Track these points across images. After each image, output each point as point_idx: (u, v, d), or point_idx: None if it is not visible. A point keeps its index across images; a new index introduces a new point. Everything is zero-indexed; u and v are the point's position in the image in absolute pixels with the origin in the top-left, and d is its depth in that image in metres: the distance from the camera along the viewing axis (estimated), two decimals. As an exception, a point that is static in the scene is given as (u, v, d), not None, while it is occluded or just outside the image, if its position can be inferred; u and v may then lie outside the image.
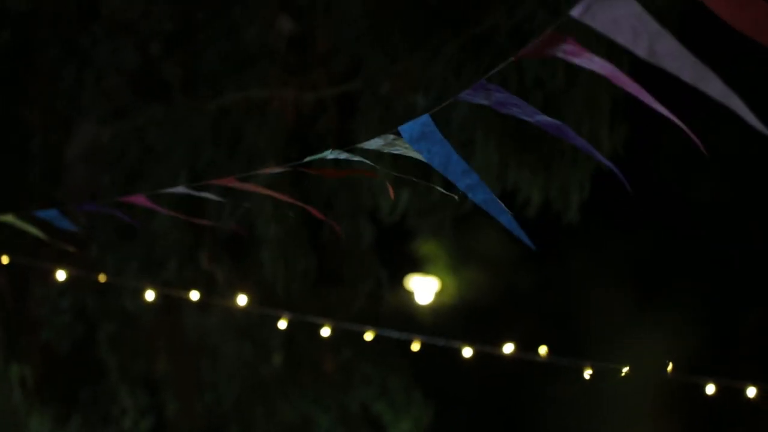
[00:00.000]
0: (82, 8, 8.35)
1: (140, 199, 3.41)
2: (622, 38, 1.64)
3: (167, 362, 8.37)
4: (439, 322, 9.23)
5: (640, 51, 1.62)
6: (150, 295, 6.57)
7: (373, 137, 2.47)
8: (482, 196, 2.24)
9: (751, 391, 5.66)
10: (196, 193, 3.17)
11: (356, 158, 2.65)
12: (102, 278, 6.83)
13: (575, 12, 1.67)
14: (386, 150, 2.43)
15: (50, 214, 4.00)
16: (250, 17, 8.04)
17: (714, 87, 1.59)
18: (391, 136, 2.40)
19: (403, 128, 2.34)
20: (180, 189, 3.23)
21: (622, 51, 1.66)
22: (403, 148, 2.40)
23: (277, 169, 2.91)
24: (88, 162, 8.31)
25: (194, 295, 6.51)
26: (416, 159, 2.38)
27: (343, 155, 2.65)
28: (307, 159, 2.81)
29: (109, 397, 8.29)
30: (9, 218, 4.07)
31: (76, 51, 8.28)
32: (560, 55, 1.88)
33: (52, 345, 8.29)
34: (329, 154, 2.65)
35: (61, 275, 6.36)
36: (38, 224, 4.21)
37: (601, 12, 1.65)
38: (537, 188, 7.28)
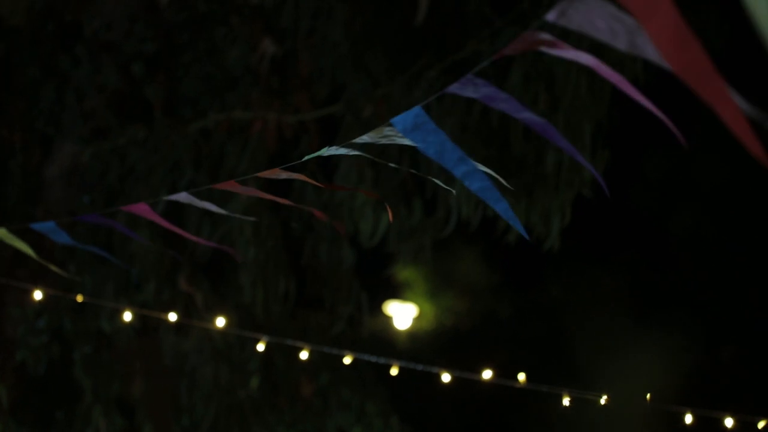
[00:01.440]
0: (63, 28, 8.34)
1: (143, 208, 3.37)
2: (600, 35, 1.65)
3: (143, 384, 8.32)
4: (417, 347, 9.22)
5: (620, 44, 1.63)
6: (127, 317, 6.53)
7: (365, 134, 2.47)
8: (479, 183, 2.23)
9: (729, 422, 5.65)
10: (198, 203, 3.15)
11: (354, 152, 2.63)
12: (79, 299, 6.79)
13: (550, 16, 1.67)
14: (379, 141, 2.41)
15: (47, 226, 3.93)
16: (233, 39, 8.04)
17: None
18: (384, 128, 2.38)
19: (396, 120, 2.33)
20: (182, 196, 3.20)
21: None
22: (396, 137, 2.39)
23: (277, 173, 2.88)
24: (68, 182, 8.28)
25: (172, 317, 6.47)
26: (397, 180, 2.37)
27: (341, 150, 2.65)
28: (306, 158, 2.80)
29: (84, 419, 8.23)
30: (1, 232, 3.99)
31: (57, 71, 8.26)
32: (540, 48, 1.88)
33: (27, 366, 8.24)
34: (326, 152, 2.65)
35: (37, 295, 6.32)
36: (31, 239, 4.15)
37: (576, 14, 1.66)
38: (518, 214, 7.28)
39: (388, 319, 9.43)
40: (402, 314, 9.46)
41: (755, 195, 9.01)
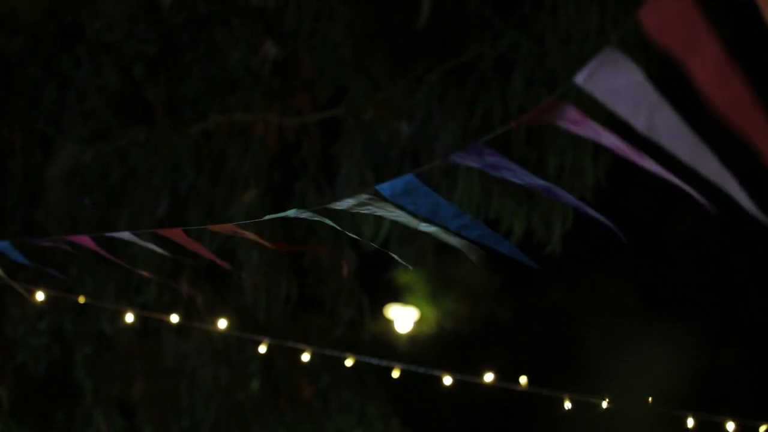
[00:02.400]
0: (64, 29, 8.34)
1: (85, 240, 3.37)
2: (622, 109, 1.60)
3: (144, 386, 8.31)
4: (418, 351, 9.21)
5: (639, 124, 1.58)
6: (129, 318, 6.53)
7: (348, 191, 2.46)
8: (477, 232, 2.22)
9: (731, 426, 5.66)
10: (141, 243, 3.13)
11: (317, 218, 2.61)
12: (81, 300, 6.79)
13: (579, 78, 1.63)
14: (356, 210, 2.39)
15: (2, 245, 3.94)
16: (234, 41, 8.04)
17: (710, 167, 1.56)
18: (365, 196, 2.36)
19: (383, 187, 2.30)
20: (125, 234, 3.19)
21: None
22: (375, 208, 2.36)
23: (231, 228, 2.84)
24: (68, 183, 8.28)
25: (174, 318, 6.47)
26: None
27: (305, 214, 2.62)
28: (268, 217, 2.77)
29: (84, 420, 8.23)
30: None
31: (58, 71, 8.26)
32: (561, 123, 1.85)
33: (28, 366, 8.23)
34: (293, 213, 2.62)
35: (39, 296, 6.32)
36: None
37: (603, 79, 1.61)
38: (519, 218, 7.28)
39: (389, 323, 9.43)
40: (403, 317, 9.45)
41: (756, 196, 9.00)
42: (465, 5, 7.68)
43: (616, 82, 1.59)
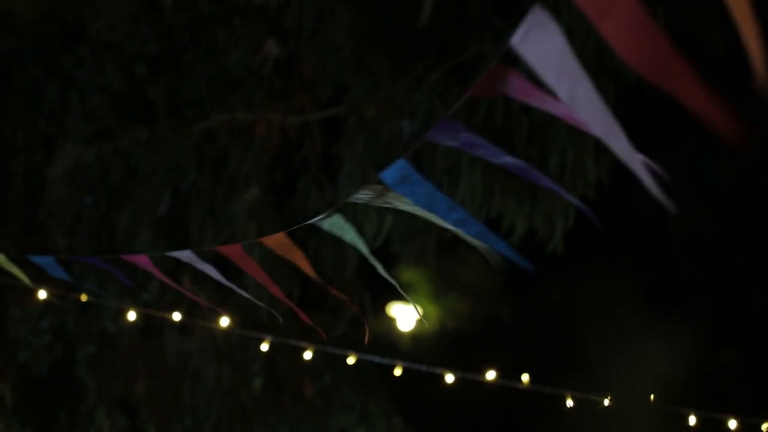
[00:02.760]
0: (66, 29, 8.34)
1: (143, 260, 3.36)
2: (548, 76, 1.58)
3: (147, 384, 8.32)
4: (420, 349, 9.21)
5: (562, 93, 1.56)
6: (131, 316, 6.54)
7: (358, 181, 2.47)
8: (473, 228, 2.23)
9: (733, 423, 5.66)
10: (200, 264, 3.13)
11: (349, 236, 2.63)
12: (83, 298, 6.80)
13: (515, 39, 1.61)
14: (377, 203, 2.41)
15: (45, 261, 3.93)
16: (236, 40, 8.04)
17: (619, 144, 1.54)
18: (380, 187, 2.37)
19: (384, 175, 2.32)
20: (186, 254, 3.19)
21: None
22: (392, 199, 2.38)
23: (274, 240, 2.85)
24: (70, 182, 8.28)
25: (176, 317, 6.48)
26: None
27: (337, 225, 2.64)
28: (308, 222, 2.79)
29: (87, 419, 8.23)
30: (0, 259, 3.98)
31: (60, 71, 8.27)
32: (511, 92, 1.84)
33: (30, 366, 8.24)
34: (324, 217, 2.64)
35: (41, 295, 6.33)
36: (28, 268, 4.14)
37: (534, 43, 1.59)
38: (521, 216, 7.28)
39: (391, 321, 9.43)
40: (405, 316, 9.45)
41: (757, 196, 9.01)
42: (466, 5, 7.69)
43: (543, 46, 1.57)
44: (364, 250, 2.69)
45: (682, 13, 7.07)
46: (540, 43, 1.57)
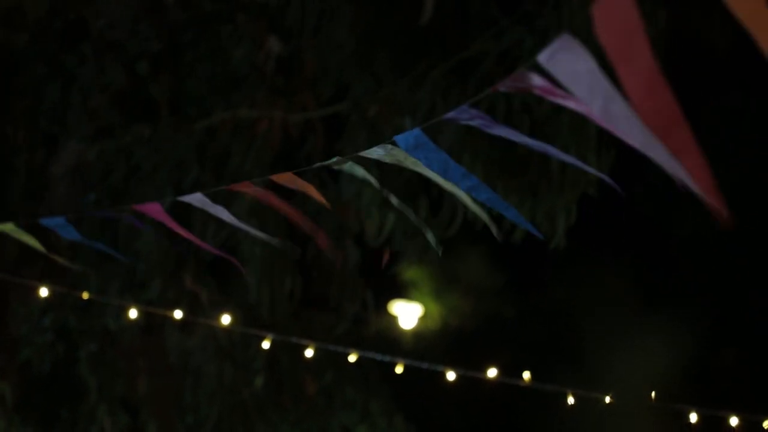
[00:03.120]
0: (68, 27, 8.34)
1: (154, 208, 3.35)
2: (580, 93, 1.62)
3: (148, 383, 8.32)
4: (422, 347, 9.22)
5: (596, 109, 1.60)
6: (133, 314, 6.54)
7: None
8: (485, 194, 2.26)
9: (734, 420, 5.66)
10: (211, 206, 3.13)
11: (360, 172, 2.65)
12: (85, 296, 6.80)
13: (542, 57, 1.65)
14: (387, 160, 2.43)
15: (55, 222, 3.92)
16: (238, 38, 8.04)
17: (659, 155, 1.56)
18: (390, 146, 2.40)
19: (399, 138, 2.35)
20: (196, 197, 3.19)
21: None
22: (402, 158, 2.40)
23: (291, 178, 2.87)
24: (72, 180, 8.29)
25: (177, 314, 6.48)
26: (403, 179, 2.38)
27: (347, 165, 2.67)
28: (317, 165, 2.81)
29: (88, 417, 8.23)
30: (9, 227, 3.97)
31: (62, 69, 8.27)
32: (536, 92, 1.87)
33: (32, 364, 8.25)
34: (335, 162, 2.67)
35: (43, 292, 6.33)
36: (39, 234, 4.13)
37: (563, 62, 1.62)
38: (523, 213, 7.28)
39: (393, 319, 9.43)
40: (407, 313, 9.46)
41: (759, 196, 9.01)
42: (467, 2, 7.69)
43: (573, 66, 1.60)
44: (376, 183, 2.71)
45: (683, 14, 7.07)
46: (568, 63, 1.61)
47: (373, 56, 7.77)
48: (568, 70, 1.62)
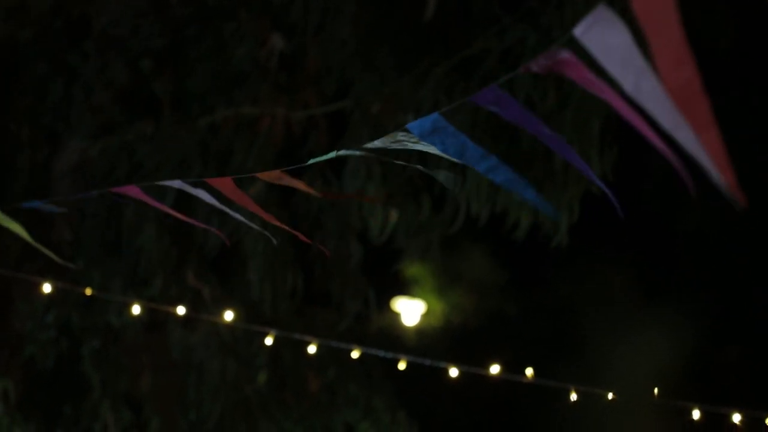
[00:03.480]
0: (71, 23, 8.35)
1: (133, 190, 3.35)
2: (613, 69, 1.63)
3: (151, 379, 8.33)
4: (425, 344, 9.23)
5: (628, 86, 1.61)
6: (136, 310, 6.55)
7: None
8: (504, 176, 2.26)
9: (737, 417, 5.66)
10: (192, 190, 3.14)
11: (359, 152, 2.65)
12: (88, 292, 6.80)
13: (578, 30, 1.65)
14: (392, 146, 2.43)
15: (35, 204, 3.95)
16: (241, 35, 8.05)
17: (687, 138, 1.57)
18: (399, 133, 2.40)
19: (413, 125, 2.35)
20: (176, 183, 3.20)
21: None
22: (410, 143, 2.40)
23: (278, 176, 2.87)
24: (75, 177, 8.29)
25: (180, 311, 6.48)
26: (405, 177, 2.38)
27: (351, 152, 2.66)
28: (312, 161, 2.81)
29: (92, 413, 8.25)
30: None
31: (65, 66, 8.27)
32: (566, 73, 1.87)
33: (35, 360, 8.26)
34: (335, 155, 2.67)
35: (46, 288, 6.34)
36: (39, 228, 4.14)
37: (598, 35, 1.63)
38: (526, 211, 7.28)
39: (396, 316, 9.44)
40: (410, 310, 9.46)
41: (760, 193, 9.01)
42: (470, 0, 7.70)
43: (608, 40, 1.61)
44: (358, 153, 2.71)
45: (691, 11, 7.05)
46: (604, 36, 1.62)
47: (375, 53, 7.78)
48: (602, 44, 1.63)
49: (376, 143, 2.47)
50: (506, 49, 7.37)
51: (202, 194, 3.12)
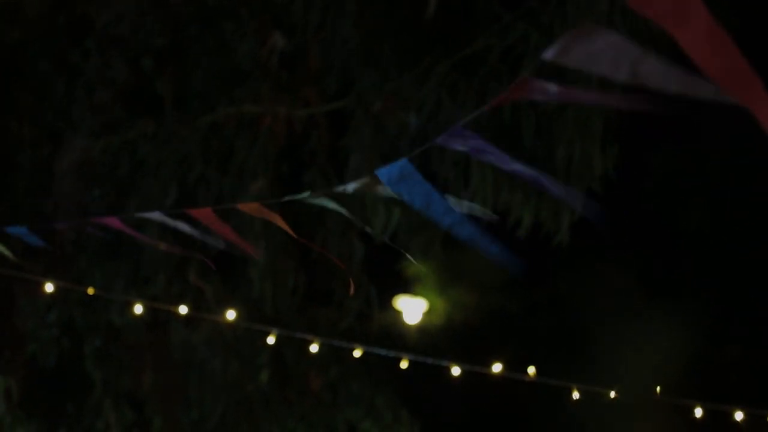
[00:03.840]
0: (73, 22, 8.35)
1: (114, 222, 3.33)
2: (600, 69, 1.62)
3: (153, 378, 8.33)
4: (426, 342, 9.22)
5: (622, 76, 1.60)
6: (138, 309, 6.55)
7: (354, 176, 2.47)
8: (467, 231, 2.24)
9: (739, 415, 5.66)
10: (171, 222, 3.13)
11: (332, 205, 2.64)
12: (90, 291, 6.80)
13: (548, 54, 1.64)
14: (367, 191, 2.41)
15: (18, 230, 3.93)
16: (243, 33, 8.04)
17: (706, 89, 1.56)
18: (366, 180, 2.38)
19: (381, 172, 2.33)
20: (155, 215, 3.18)
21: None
22: (380, 190, 2.38)
23: (258, 208, 2.86)
24: (78, 176, 8.30)
25: (182, 309, 6.49)
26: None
27: (318, 199, 2.65)
28: (286, 198, 2.79)
29: (94, 411, 8.25)
30: None
31: (67, 65, 8.27)
32: (537, 97, 1.86)
33: (37, 359, 8.26)
34: (307, 197, 2.65)
35: (48, 288, 6.34)
36: (8, 242, 4.14)
37: (577, 49, 1.63)
38: (528, 210, 7.28)
39: (397, 314, 9.43)
40: (412, 308, 9.45)
41: (764, 191, 9.01)
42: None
43: (592, 47, 1.60)
44: (351, 216, 2.71)
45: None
46: (588, 46, 1.61)
47: (377, 51, 7.77)
48: (583, 54, 1.62)
49: (348, 187, 2.46)
50: (508, 46, 7.37)
51: (181, 226, 3.11)
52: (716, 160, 9.19)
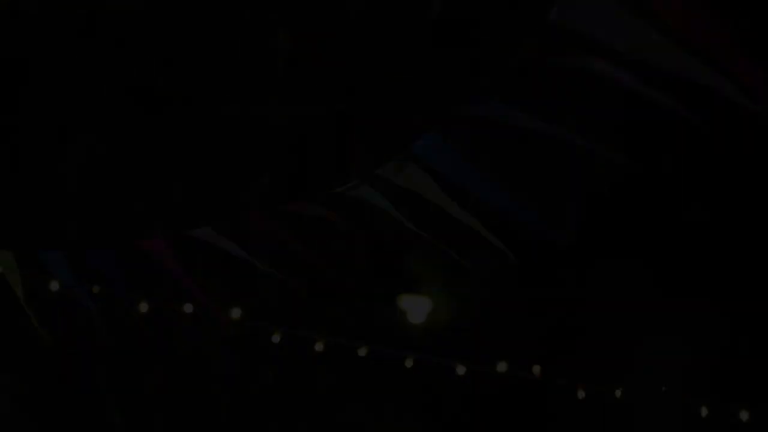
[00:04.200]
0: (78, 20, 8.35)
1: (158, 245, 3.23)
2: (601, 35, 1.61)
3: (158, 376, 8.33)
4: (431, 341, 9.21)
5: (620, 47, 1.60)
6: (143, 307, 6.55)
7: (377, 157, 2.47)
8: (503, 201, 2.26)
9: (745, 415, 5.66)
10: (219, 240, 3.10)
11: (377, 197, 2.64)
12: (95, 290, 6.80)
13: (553, 14, 1.64)
14: (397, 179, 2.41)
15: (53, 257, 3.66)
16: (250, 32, 8.04)
17: (696, 72, 1.56)
18: (400, 163, 2.38)
19: (416, 146, 2.34)
20: (202, 232, 3.14)
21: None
22: (412, 173, 2.39)
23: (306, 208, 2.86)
24: (82, 174, 8.30)
25: (188, 308, 6.49)
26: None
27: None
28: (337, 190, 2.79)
29: (96, 409, 8.24)
30: (7, 257, 3.72)
31: (71, 63, 8.28)
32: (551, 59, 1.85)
33: (38, 357, 8.26)
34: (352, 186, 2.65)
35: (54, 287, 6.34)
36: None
37: (579, 10, 1.62)
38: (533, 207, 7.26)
39: (402, 313, 9.42)
40: (416, 308, 9.44)
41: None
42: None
43: (590, 12, 1.60)
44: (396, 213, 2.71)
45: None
46: (585, 10, 1.61)
47: (387, 51, 7.77)
48: (585, 17, 1.62)
49: (384, 171, 2.45)
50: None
51: (230, 245, 3.07)
52: (723, 154, 9.16)
